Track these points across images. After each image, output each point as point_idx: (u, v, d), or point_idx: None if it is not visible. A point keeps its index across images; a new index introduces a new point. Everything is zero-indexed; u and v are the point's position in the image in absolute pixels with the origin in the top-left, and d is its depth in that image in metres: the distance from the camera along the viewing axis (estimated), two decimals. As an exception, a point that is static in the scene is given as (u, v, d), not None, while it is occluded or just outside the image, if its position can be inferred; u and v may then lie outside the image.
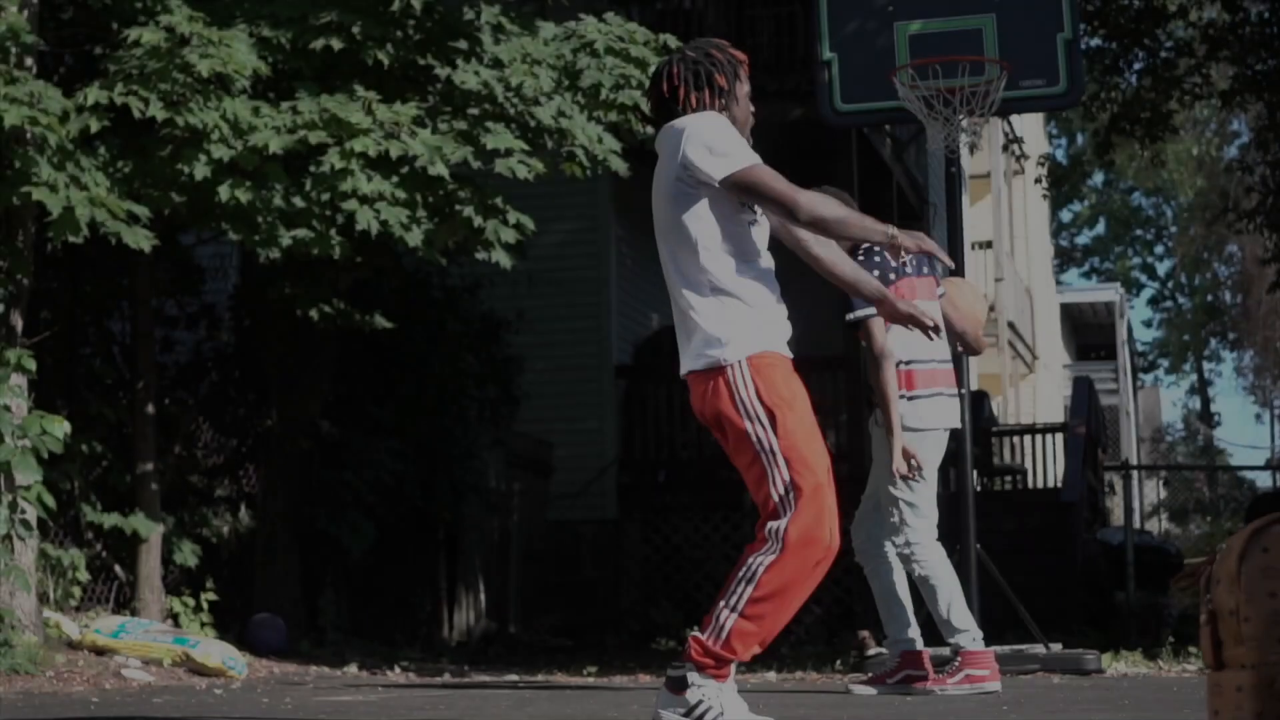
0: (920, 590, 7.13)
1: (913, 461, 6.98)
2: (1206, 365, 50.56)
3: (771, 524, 4.65)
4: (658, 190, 4.90)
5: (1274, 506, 14.18)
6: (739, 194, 4.78)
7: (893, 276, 7.04)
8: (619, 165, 9.91)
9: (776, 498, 4.66)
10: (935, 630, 7.32)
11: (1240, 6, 14.61)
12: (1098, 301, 38.20)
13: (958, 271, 8.54)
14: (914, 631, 7.25)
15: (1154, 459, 42.68)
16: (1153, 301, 52.25)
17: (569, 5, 11.19)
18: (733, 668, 4.72)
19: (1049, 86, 9.07)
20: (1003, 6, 9.10)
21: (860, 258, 7.10)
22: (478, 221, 9.57)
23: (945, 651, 7.42)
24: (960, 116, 8.63)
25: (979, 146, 8.82)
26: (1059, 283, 47.99)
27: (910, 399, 7.08)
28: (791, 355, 4.88)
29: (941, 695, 7.02)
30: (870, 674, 7.60)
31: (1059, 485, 17.37)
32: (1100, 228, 51.56)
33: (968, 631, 7.12)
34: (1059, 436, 18.91)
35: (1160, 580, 15.84)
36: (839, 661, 10.05)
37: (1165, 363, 52.17)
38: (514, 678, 9.47)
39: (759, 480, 4.71)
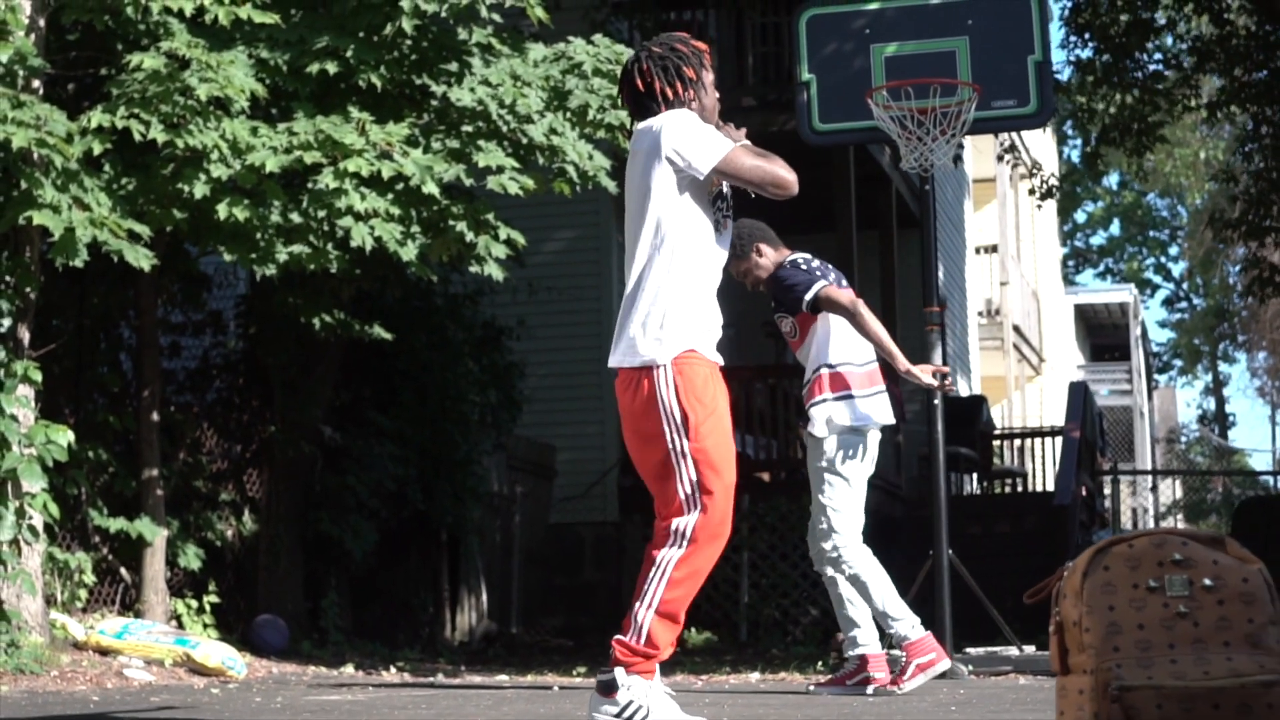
0: (855, 589, 7.44)
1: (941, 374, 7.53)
2: (1220, 366, 50.77)
3: (677, 521, 4.94)
4: (631, 186, 5.19)
5: (1257, 511, 14.48)
6: (724, 179, 5.14)
7: (818, 279, 7.41)
8: (608, 183, 10.23)
9: (683, 496, 4.95)
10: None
11: (1227, 20, 14.89)
12: (1112, 302, 38.39)
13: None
14: (871, 635, 7.58)
15: (1169, 459, 42.87)
16: (1167, 302, 52.46)
17: (553, 24, 11.50)
18: (658, 666, 5.02)
19: (1020, 107, 9.37)
20: (975, 30, 9.39)
21: (788, 267, 7.51)
22: (470, 237, 9.91)
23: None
24: (932, 137, 8.92)
25: (950, 167, 9.10)
26: (1074, 284, 48.21)
27: (848, 398, 7.41)
28: (720, 361, 5.17)
29: (901, 694, 7.34)
30: (830, 675, 7.92)
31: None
32: (1115, 228, 51.78)
33: (904, 619, 7.44)
34: (1060, 440, 19.18)
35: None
36: (820, 664, 10.35)
37: (1180, 363, 52.37)
38: (504, 678, 9.80)
39: (664, 479, 5.00)
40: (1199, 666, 3.09)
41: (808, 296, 7.42)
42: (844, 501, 7.41)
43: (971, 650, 9.66)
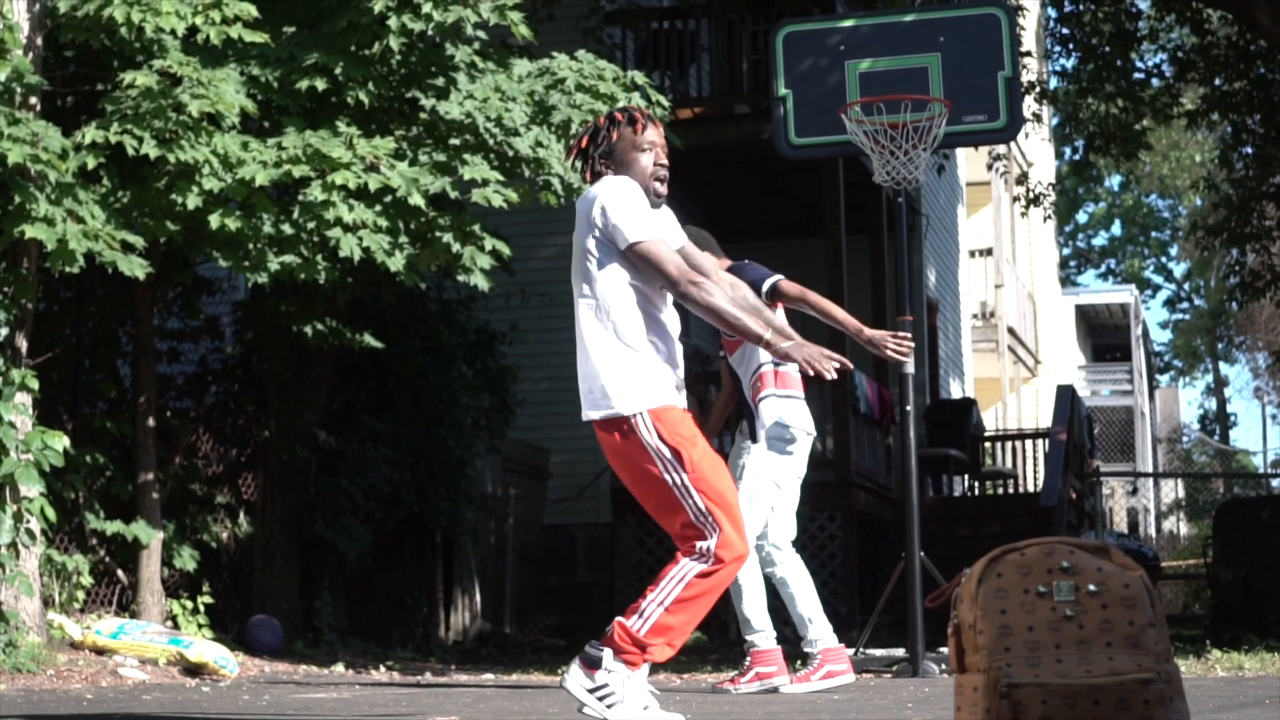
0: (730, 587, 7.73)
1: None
2: (1222, 366, 51.00)
3: (700, 544, 5.19)
4: (575, 247, 5.43)
5: (1237, 512, 14.71)
6: (636, 262, 5.30)
7: (775, 273, 7.71)
8: (593, 194, 10.49)
9: (697, 523, 5.20)
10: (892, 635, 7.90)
11: (1208, 30, 15.14)
12: (1113, 303, 38.63)
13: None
14: (826, 628, 7.87)
15: (1170, 459, 43.11)
16: (1169, 303, 52.70)
17: (545, 34, 11.75)
18: (645, 664, 5.27)
19: (990, 121, 9.64)
20: (947, 46, 9.65)
21: (742, 264, 7.82)
22: (456, 248, 10.19)
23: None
24: (904, 151, 9.17)
25: (920, 180, 9.35)
26: (1075, 284, 48.43)
27: (797, 399, 7.71)
28: (686, 408, 5.40)
29: (735, 694, 7.73)
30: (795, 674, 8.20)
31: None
32: (1116, 229, 52.03)
33: (763, 632, 7.80)
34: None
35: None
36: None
37: (1180, 364, 52.62)
38: (489, 677, 10.06)
39: (670, 511, 5.24)
40: (1082, 665, 3.36)
41: (766, 285, 7.67)
42: (783, 506, 7.76)
43: (945, 649, 9.90)
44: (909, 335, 7.47)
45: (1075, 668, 3.36)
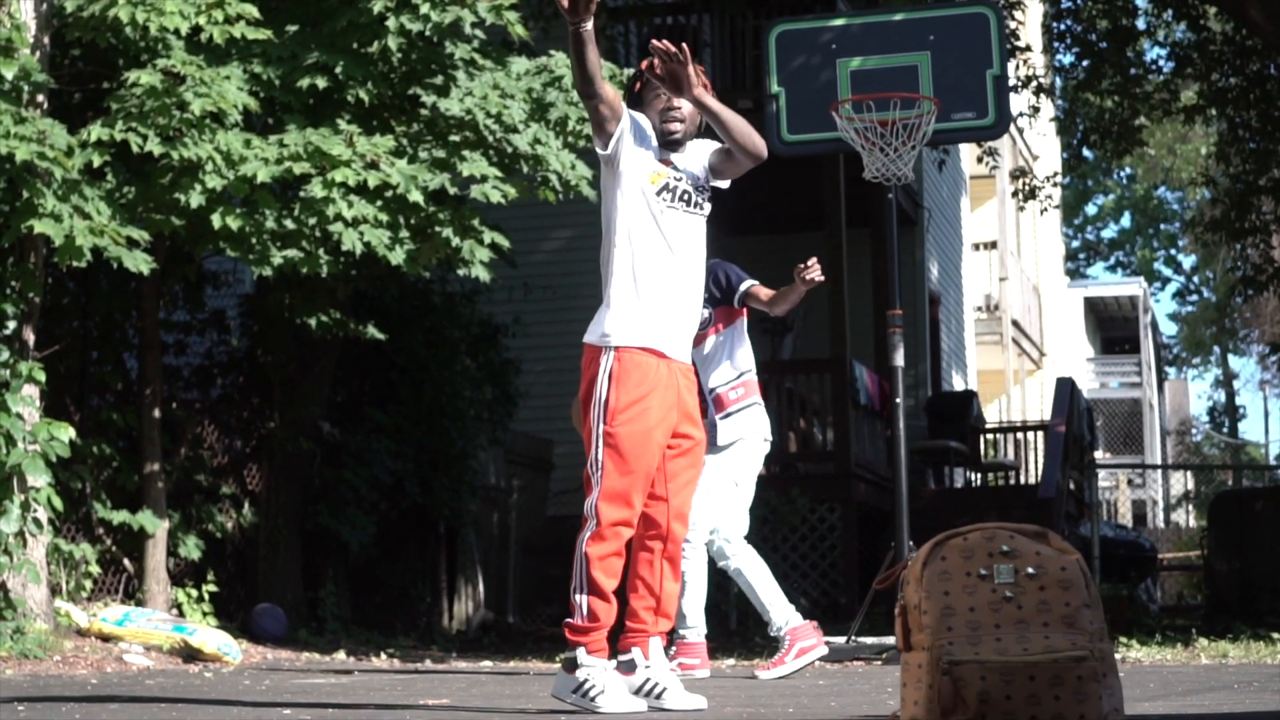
0: (738, 582, 7.98)
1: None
2: (1232, 359, 51.08)
3: (586, 503, 5.48)
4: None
5: (1231, 505, 14.87)
6: (599, 125, 5.54)
7: (749, 278, 7.90)
8: (590, 192, 10.70)
9: (590, 473, 5.48)
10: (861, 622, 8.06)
11: (1205, 26, 15.29)
12: (1122, 295, 38.71)
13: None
14: (788, 610, 8.06)
15: (1180, 452, 43.19)
16: (1178, 295, 52.79)
17: (548, 32, 11.91)
18: (606, 649, 5.50)
19: (978, 119, 9.81)
20: (936, 45, 9.83)
21: (719, 261, 8.00)
22: (455, 241, 10.39)
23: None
24: (893, 148, 9.35)
25: (909, 176, 9.53)
26: (1084, 276, 48.52)
27: (752, 406, 7.92)
28: (676, 356, 5.60)
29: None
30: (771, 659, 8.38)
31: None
32: (1126, 221, 52.10)
33: (695, 628, 8.06)
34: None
35: (1127, 573, 16.58)
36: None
37: (1186, 355, 52.70)
38: (487, 664, 10.25)
39: (588, 453, 5.53)
40: (1020, 644, 3.55)
41: (741, 288, 7.86)
42: (736, 501, 7.98)
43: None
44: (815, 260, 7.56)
45: (1013, 646, 3.54)
